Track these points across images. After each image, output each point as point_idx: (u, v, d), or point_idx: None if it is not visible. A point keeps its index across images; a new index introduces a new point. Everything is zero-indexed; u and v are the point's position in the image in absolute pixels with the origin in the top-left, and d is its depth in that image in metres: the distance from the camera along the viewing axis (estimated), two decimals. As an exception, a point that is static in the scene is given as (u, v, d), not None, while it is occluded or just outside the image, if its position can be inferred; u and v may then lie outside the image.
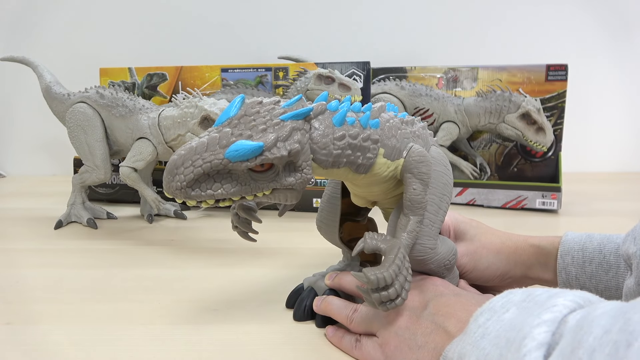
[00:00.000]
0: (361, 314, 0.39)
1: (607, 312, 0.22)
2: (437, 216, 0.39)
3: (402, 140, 0.37)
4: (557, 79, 0.90)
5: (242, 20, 1.19)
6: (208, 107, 0.68)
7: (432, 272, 0.40)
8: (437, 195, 0.39)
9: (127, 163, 0.73)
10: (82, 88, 0.79)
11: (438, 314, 0.35)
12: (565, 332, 0.23)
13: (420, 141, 0.40)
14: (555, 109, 0.91)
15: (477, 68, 0.93)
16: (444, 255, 0.40)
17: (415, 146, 0.38)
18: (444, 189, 0.40)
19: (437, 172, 0.40)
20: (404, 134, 0.38)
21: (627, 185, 1.10)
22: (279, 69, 0.89)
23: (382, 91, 0.97)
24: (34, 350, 0.40)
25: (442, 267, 0.40)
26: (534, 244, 0.45)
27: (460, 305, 0.35)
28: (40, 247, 0.67)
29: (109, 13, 1.20)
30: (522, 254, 0.45)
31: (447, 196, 0.41)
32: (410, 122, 0.40)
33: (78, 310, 0.47)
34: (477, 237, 0.47)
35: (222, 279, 0.55)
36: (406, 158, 0.37)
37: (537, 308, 0.25)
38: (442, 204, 0.40)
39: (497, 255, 0.46)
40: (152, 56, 1.19)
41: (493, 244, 0.46)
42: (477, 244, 0.47)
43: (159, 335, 0.42)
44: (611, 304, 0.23)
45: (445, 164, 0.41)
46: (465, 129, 0.93)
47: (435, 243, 0.39)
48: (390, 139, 0.37)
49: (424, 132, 0.42)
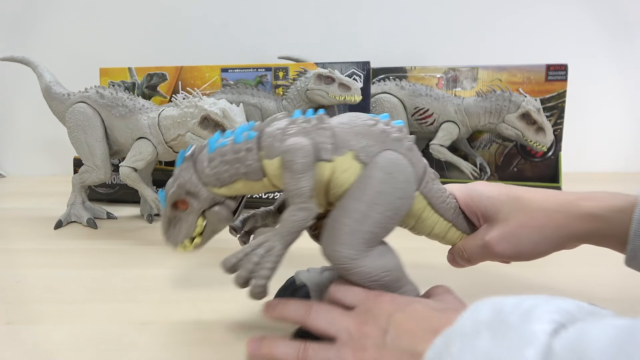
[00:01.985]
0: (315, 354, 0.33)
1: (601, 344, 0.19)
2: (363, 226, 0.36)
3: (283, 139, 0.37)
4: (557, 79, 0.90)
5: (242, 20, 1.19)
6: (208, 107, 0.68)
7: (362, 285, 0.38)
8: (365, 203, 0.36)
9: (127, 163, 0.73)
10: (82, 88, 0.79)
11: (400, 336, 0.31)
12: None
13: (364, 139, 0.38)
14: (555, 109, 0.91)
15: (477, 68, 0.93)
16: (370, 271, 0.37)
17: (291, 139, 0.37)
18: (378, 198, 0.36)
19: (374, 177, 0.37)
20: (296, 132, 0.37)
21: (627, 185, 1.10)
22: (279, 69, 0.89)
23: (382, 91, 0.97)
24: (34, 350, 0.40)
25: (369, 282, 0.37)
26: (592, 213, 0.37)
27: (419, 316, 0.32)
28: (40, 247, 0.67)
29: (109, 13, 1.20)
30: (575, 227, 0.37)
31: (381, 206, 0.36)
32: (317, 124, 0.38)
33: (78, 310, 0.47)
34: (512, 215, 0.39)
35: (222, 279, 0.55)
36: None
37: (514, 336, 0.22)
38: (373, 213, 0.36)
39: (541, 232, 0.38)
40: (152, 56, 1.19)
41: (535, 220, 0.38)
42: (514, 223, 0.39)
43: (159, 335, 0.42)
44: (603, 328, 0.20)
45: (390, 172, 0.37)
46: (465, 129, 0.93)
47: (355, 254, 0.36)
48: (274, 142, 0.38)
49: (369, 130, 0.38)
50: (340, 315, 0.36)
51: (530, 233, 0.39)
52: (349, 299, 0.37)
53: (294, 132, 0.37)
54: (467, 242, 0.43)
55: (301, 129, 0.38)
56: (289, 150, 0.36)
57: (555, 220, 0.38)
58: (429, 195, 0.41)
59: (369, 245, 0.37)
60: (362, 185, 0.37)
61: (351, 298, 0.37)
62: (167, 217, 0.42)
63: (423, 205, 0.41)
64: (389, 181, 0.37)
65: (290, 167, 0.36)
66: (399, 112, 0.95)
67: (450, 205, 0.42)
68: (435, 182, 0.41)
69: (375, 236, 0.37)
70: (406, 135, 0.40)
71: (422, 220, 0.42)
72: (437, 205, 0.41)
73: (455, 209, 0.43)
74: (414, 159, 0.39)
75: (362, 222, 0.36)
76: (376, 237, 0.37)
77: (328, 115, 0.40)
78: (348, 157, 0.37)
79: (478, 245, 0.42)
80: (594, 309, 0.24)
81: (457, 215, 0.43)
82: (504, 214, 0.40)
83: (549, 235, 0.38)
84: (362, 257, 0.36)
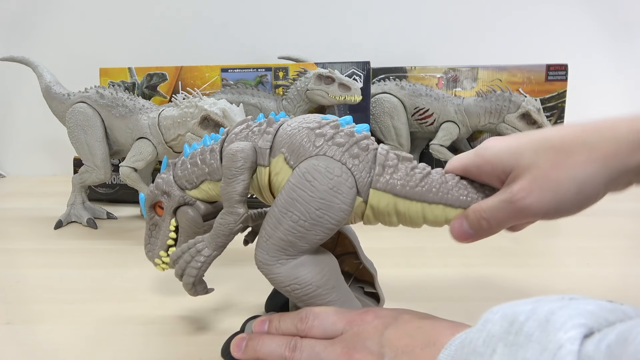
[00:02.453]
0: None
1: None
2: (276, 232, 0.35)
3: (230, 143, 0.39)
4: (557, 79, 0.90)
5: (242, 20, 1.19)
6: (208, 107, 0.68)
7: (282, 292, 0.36)
8: (278, 208, 0.35)
9: (127, 163, 0.73)
10: (82, 88, 0.79)
11: (399, 356, 0.29)
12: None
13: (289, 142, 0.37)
14: (555, 109, 0.91)
15: (477, 68, 0.93)
16: (283, 280, 0.35)
17: (232, 144, 0.38)
18: (291, 205, 0.34)
19: (290, 183, 0.35)
20: (244, 137, 0.39)
21: (627, 185, 1.10)
22: (279, 69, 0.89)
23: (382, 91, 0.97)
24: (34, 350, 0.40)
25: (284, 291, 0.36)
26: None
27: (411, 328, 0.30)
28: (40, 247, 0.67)
29: (109, 13, 1.20)
30: (629, 156, 0.29)
31: (294, 214, 0.34)
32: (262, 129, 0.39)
33: (78, 310, 0.47)
34: (543, 157, 0.30)
35: (222, 279, 0.55)
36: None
37: (536, 349, 0.20)
38: (285, 220, 0.34)
39: (585, 168, 0.29)
40: (152, 56, 1.19)
41: (574, 155, 0.29)
42: (546, 165, 0.30)
43: (159, 335, 0.42)
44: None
45: (309, 180, 0.34)
46: (465, 129, 0.93)
47: (269, 259, 0.35)
48: (228, 145, 0.39)
49: (296, 132, 0.37)
50: (324, 348, 0.32)
51: (570, 172, 0.29)
52: (329, 326, 0.33)
53: (242, 136, 0.39)
54: (487, 201, 0.33)
55: (248, 133, 0.39)
56: (226, 155, 0.38)
57: (602, 149, 0.29)
58: (390, 187, 0.36)
59: (287, 254, 0.35)
60: (282, 190, 0.35)
61: (331, 326, 0.33)
62: (147, 225, 0.44)
63: (390, 200, 0.36)
64: (306, 188, 0.34)
65: (224, 172, 0.38)
66: (399, 112, 0.95)
67: (431, 186, 0.36)
68: (398, 169, 0.36)
69: (293, 245, 0.35)
70: (358, 141, 0.36)
71: (403, 214, 0.36)
72: (409, 193, 0.36)
73: (439, 185, 0.36)
74: (359, 167, 0.36)
75: (276, 227, 0.35)
76: (295, 246, 0.35)
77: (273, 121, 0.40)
78: (280, 160, 0.37)
79: (503, 201, 0.32)
80: (614, 306, 0.22)
81: (447, 192, 0.36)
82: (530, 158, 0.30)
83: (597, 171, 0.29)
84: (277, 264, 0.35)
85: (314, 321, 0.34)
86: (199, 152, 0.41)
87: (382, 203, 0.36)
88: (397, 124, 0.95)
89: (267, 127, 0.39)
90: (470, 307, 0.47)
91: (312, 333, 0.33)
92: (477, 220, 0.33)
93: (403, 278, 0.54)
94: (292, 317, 0.35)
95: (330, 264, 0.37)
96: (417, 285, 0.52)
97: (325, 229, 0.35)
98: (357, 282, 0.44)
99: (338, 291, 0.36)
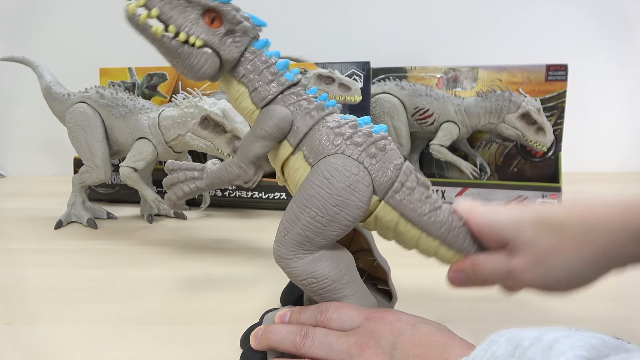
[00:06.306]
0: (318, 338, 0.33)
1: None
2: (294, 227, 0.36)
3: (266, 89, 0.39)
4: (557, 79, 0.90)
5: (242, 20, 1.19)
6: (208, 107, 0.68)
7: (299, 285, 0.37)
8: (297, 204, 0.36)
9: (127, 163, 0.73)
10: (82, 88, 0.80)
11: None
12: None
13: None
14: (555, 109, 0.91)
15: (477, 68, 0.93)
16: (300, 274, 0.36)
17: (277, 106, 0.38)
18: (309, 201, 0.35)
19: (309, 180, 0.36)
20: (292, 104, 0.39)
21: (627, 185, 1.10)
22: (279, 69, 0.89)
23: (382, 91, 0.97)
24: (34, 350, 0.40)
25: (301, 284, 0.37)
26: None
27: (427, 341, 0.30)
28: (40, 247, 0.67)
29: (110, 13, 1.19)
30: (624, 248, 0.30)
31: (312, 210, 0.35)
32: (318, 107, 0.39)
33: (78, 310, 0.47)
34: (540, 238, 0.32)
35: (222, 279, 0.55)
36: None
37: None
38: (303, 215, 0.35)
39: (579, 258, 0.31)
40: (152, 56, 1.18)
41: (569, 242, 0.31)
42: (543, 248, 0.32)
43: (160, 335, 0.42)
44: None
45: (328, 177, 0.35)
46: (466, 129, 0.93)
47: (287, 253, 0.36)
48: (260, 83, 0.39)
49: (327, 132, 0.38)
50: (337, 338, 0.33)
51: (565, 260, 0.31)
52: (347, 320, 0.34)
53: (289, 102, 0.39)
54: (485, 261, 0.36)
55: (295, 103, 0.39)
56: (265, 112, 0.38)
57: (596, 241, 0.30)
58: (401, 207, 0.36)
59: (304, 248, 0.36)
60: (301, 187, 0.37)
61: (349, 320, 0.34)
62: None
63: (394, 217, 0.37)
64: (324, 186, 0.35)
65: (254, 125, 0.38)
66: (399, 112, 0.95)
67: (437, 219, 0.37)
68: (414, 193, 0.37)
69: (310, 240, 0.36)
70: (375, 141, 0.37)
71: (400, 234, 0.38)
72: (414, 219, 0.37)
73: (446, 225, 0.37)
74: (376, 166, 0.36)
75: (294, 223, 0.36)
76: (312, 241, 0.36)
77: (341, 111, 0.40)
78: (300, 157, 0.38)
79: (502, 270, 0.34)
80: (620, 343, 0.22)
81: (448, 232, 0.37)
82: (530, 235, 0.32)
83: (590, 260, 0.30)
84: (295, 258, 0.36)
85: (333, 314, 0.35)
86: (265, 59, 0.42)
87: (387, 217, 0.37)
88: (397, 124, 0.95)
89: (312, 111, 0.39)
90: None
91: (329, 324, 0.35)
92: (472, 274, 0.37)
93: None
94: (313, 310, 0.36)
95: (346, 260, 0.38)
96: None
97: (342, 226, 0.36)
98: (371, 279, 0.45)
99: (353, 286, 0.37)
